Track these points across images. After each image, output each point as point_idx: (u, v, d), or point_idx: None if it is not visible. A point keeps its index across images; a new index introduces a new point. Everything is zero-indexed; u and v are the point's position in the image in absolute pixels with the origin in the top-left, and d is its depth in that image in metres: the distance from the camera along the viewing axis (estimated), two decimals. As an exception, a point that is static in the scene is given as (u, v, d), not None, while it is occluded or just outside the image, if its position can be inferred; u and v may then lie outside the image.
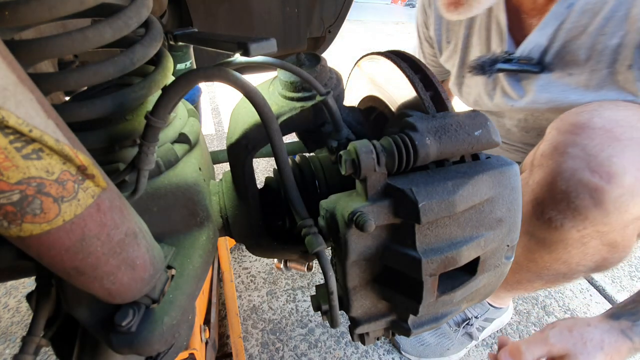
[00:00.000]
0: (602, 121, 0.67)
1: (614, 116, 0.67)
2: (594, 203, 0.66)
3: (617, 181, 0.64)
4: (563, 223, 0.71)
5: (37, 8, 0.32)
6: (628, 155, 0.64)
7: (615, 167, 0.64)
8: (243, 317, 1.17)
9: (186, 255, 0.50)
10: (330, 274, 0.44)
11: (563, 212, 0.70)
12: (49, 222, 0.27)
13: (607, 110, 0.69)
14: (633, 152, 0.64)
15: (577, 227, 0.71)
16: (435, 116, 0.45)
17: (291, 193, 0.48)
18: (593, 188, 0.65)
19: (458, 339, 1.08)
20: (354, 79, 0.68)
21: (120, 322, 0.42)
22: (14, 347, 1.08)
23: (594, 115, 0.68)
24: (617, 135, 0.65)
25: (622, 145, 0.64)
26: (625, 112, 0.68)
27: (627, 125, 0.66)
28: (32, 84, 0.24)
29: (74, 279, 0.33)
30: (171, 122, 0.52)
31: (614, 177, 0.64)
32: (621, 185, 0.64)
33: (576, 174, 0.66)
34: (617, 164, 0.64)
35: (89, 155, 0.29)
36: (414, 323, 0.50)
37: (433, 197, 0.40)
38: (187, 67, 1.13)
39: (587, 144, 0.66)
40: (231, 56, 0.50)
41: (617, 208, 0.66)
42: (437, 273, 0.43)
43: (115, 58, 0.39)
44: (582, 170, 0.66)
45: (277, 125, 0.45)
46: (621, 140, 0.65)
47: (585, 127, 0.68)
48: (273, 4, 1.30)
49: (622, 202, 0.65)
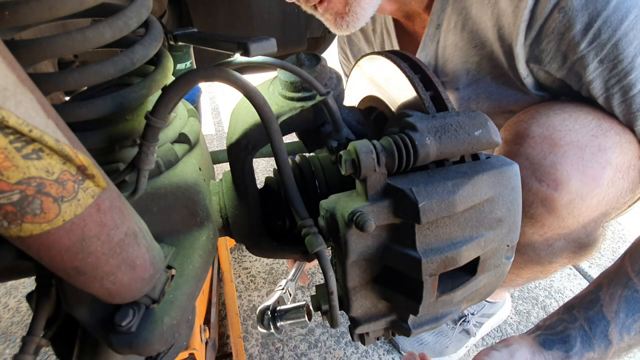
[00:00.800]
0: (540, 129, 0.68)
1: (551, 122, 0.68)
2: (547, 211, 0.67)
3: (564, 188, 0.65)
4: (524, 231, 0.72)
5: (37, 8, 0.32)
6: (570, 159, 0.64)
7: (559, 174, 0.64)
8: (243, 317, 1.17)
9: (186, 255, 0.50)
10: (330, 274, 0.44)
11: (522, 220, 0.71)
12: (49, 222, 0.27)
13: (544, 117, 0.69)
14: (574, 155, 0.65)
15: (538, 233, 0.72)
16: (435, 116, 0.45)
17: (291, 193, 0.48)
18: (543, 197, 0.66)
19: (456, 336, 1.08)
20: (354, 79, 0.68)
21: (120, 322, 0.42)
22: (14, 347, 1.08)
23: (532, 124, 0.69)
24: (556, 140, 0.66)
25: (563, 150, 0.65)
26: (561, 116, 0.68)
27: (564, 129, 0.66)
28: (32, 84, 0.24)
29: (74, 279, 0.33)
30: (171, 122, 0.52)
31: (560, 184, 0.65)
32: (569, 191, 0.65)
33: (525, 184, 0.67)
34: (560, 170, 0.64)
35: (89, 155, 0.29)
36: (414, 323, 0.50)
37: (433, 197, 0.40)
38: (187, 67, 1.13)
39: (529, 153, 0.67)
40: (231, 56, 0.50)
41: (570, 213, 0.67)
42: (437, 273, 0.43)
43: (115, 58, 0.39)
44: (529, 179, 0.66)
45: (277, 125, 0.45)
46: (561, 146, 0.65)
47: (525, 136, 0.68)
48: (273, 4, 1.31)
49: (573, 206, 0.66)
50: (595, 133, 0.66)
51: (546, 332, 0.67)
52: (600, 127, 0.67)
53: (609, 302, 0.63)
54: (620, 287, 0.64)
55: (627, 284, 0.64)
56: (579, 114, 0.68)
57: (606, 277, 0.68)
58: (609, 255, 1.42)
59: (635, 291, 0.62)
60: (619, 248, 1.45)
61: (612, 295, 0.64)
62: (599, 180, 0.65)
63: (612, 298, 0.63)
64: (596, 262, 1.40)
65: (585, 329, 0.63)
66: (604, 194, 0.67)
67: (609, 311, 0.62)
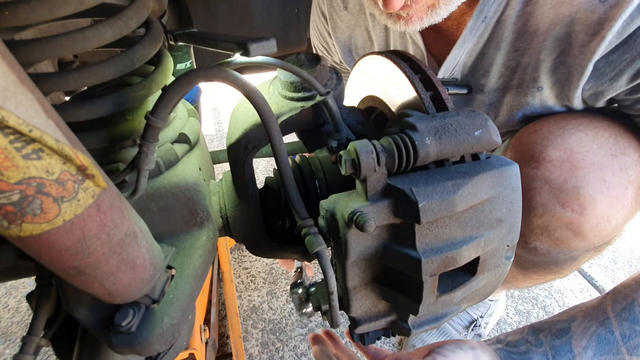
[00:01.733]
0: (556, 151, 0.66)
1: (567, 143, 0.66)
2: (574, 234, 0.66)
3: (589, 212, 0.64)
4: (549, 250, 0.71)
5: (37, 8, 0.33)
6: (592, 182, 0.63)
7: (584, 199, 0.63)
8: (243, 317, 1.17)
9: (186, 255, 0.50)
10: (330, 274, 0.44)
11: (546, 242, 0.70)
12: (49, 222, 0.27)
13: (559, 138, 0.67)
14: (596, 177, 0.64)
15: (564, 252, 0.71)
16: (435, 116, 0.45)
17: (291, 193, 0.48)
18: (569, 222, 0.65)
19: None
20: (354, 78, 0.68)
21: (120, 322, 0.42)
22: (14, 347, 1.08)
23: (547, 146, 0.67)
24: (575, 163, 0.64)
25: (584, 173, 0.64)
26: (577, 136, 0.66)
27: (583, 150, 0.65)
28: (32, 84, 0.24)
29: (74, 279, 0.33)
30: (171, 122, 0.52)
31: (586, 209, 0.64)
32: (595, 215, 0.64)
33: (548, 209, 0.66)
34: (584, 195, 0.63)
35: (89, 155, 0.29)
36: (414, 323, 0.50)
37: (433, 197, 0.40)
38: (187, 67, 1.13)
39: (548, 177, 0.65)
40: (231, 56, 0.50)
41: (597, 235, 0.66)
42: (437, 273, 0.43)
43: (115, 58, 0.39)
44: (552, 204, 0.65)
45: (277, 125, 0.45)
46: (581, 168, 0.64)
47: (541, 160, 0.66)
48: (273, 4, 1.31)
49: (600, 229, 0.65)
50: (614, 152, 0.65)
51: (508, 348, 0.64)
52: (618, 144, 0.66)
53: (580, 336, 0.61)
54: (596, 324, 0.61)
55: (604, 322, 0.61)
56: (595, 132, 0.66)
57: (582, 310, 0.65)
58: (609, 255, 1.43)
59: (610, 332, 0.59)
60: (619, 247, 1.45)
61: (585, 330, 0.61)
62: (623, 200, 0.64)
63: (584, 333, 0.61)
64: (596, 262, 1.40)
65: (548, 356, 0.61)
66: (628, 213, 0.66)
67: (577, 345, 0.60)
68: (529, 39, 0.66)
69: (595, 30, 0.58)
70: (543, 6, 0.62)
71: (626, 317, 0.59)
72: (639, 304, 0.60)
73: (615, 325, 0.60)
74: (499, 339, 0.66)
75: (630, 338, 0.58)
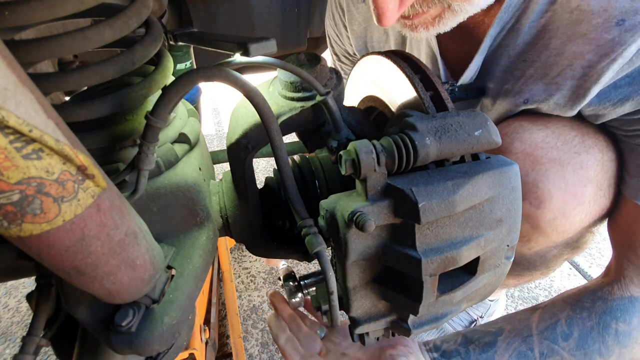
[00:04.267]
0: (522, 145, 0.67)
1: (533, 138, 0.67)
2: (532, 227, 0.67)
3: (546, 206, 0.65)
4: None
5: (37, 8, 0.33)
6: (551, 177, 0.64)
7: (541, 192, 0.64)
8: (243, 317, 1.17)
9: (186, 255, 0.50)
10: (330, 274, 0.44)
11: None
12: (49, 222, 0.27)
13: (526, 132, 0.67)
14: (556, 173, 0.64)
15: (527, 247, 0.72)
16: (435, 116, 0.45)
17: (291, 193, 0.48)
18: (526, 215, 0.66)
19: None
20: (354, 78, 0.68)
21: (120, 322, 0.42)
22: (14, 347, 1.08)
23: (515, 139, 0.68)
24: (537, 158, 0.65)
25: (544, 168, 0.65)
26: (544, 132, 0.67)
27: (546, 146, 0.66)
28: (32, 84, 0.24)
29: (74, 279, 0.33)
30: (171, 122, 0.52)
31: (543, 203, 0.65)
32: (551, 210, 0.65)
33: None
34: (542, 188, 0.64)
35: (89, 155, 0.29)
36: (414, 323, 0.50)
37: (433, 197, 0.40)
38: (187, 67, 1.13)
39: None
40: (231, 56, 0.50)
41: (553, 229, 0.67)
42: (437, 273, 0.43)
43: (115, 58, 0.39)
44: None
45: (277, 125, 0.45)
46: (543, 163, 0.65)
47: (507, 152, 0.67)
48: (273, 4, 1.30)
49: (556, 224, 0.66)
50: (577, 150, 0.65)
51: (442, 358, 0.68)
52: (583, 143, 0.66)
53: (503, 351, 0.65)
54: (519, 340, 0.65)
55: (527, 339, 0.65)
56: (562, 129, 0.67)
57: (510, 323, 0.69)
58: (609, 255, 1.42)
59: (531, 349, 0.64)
60: (619, 248, 1.45)
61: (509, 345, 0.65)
62: (581, 197, 0.65)
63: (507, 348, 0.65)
64: (596, 262, 1.40)
65: None
66: (586, 211, 0.67)
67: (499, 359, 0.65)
68: (539, 52, 0.65)
69: (606, 52, 0.57)
70: (559, 21, 0.61)
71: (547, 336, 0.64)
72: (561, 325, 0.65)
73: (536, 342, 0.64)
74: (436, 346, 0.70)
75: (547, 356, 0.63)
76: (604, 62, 0.57)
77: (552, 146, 0.66)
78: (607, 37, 0.56)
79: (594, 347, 0.64)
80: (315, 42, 1.59)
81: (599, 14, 0.57)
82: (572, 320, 0.66)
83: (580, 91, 0.61)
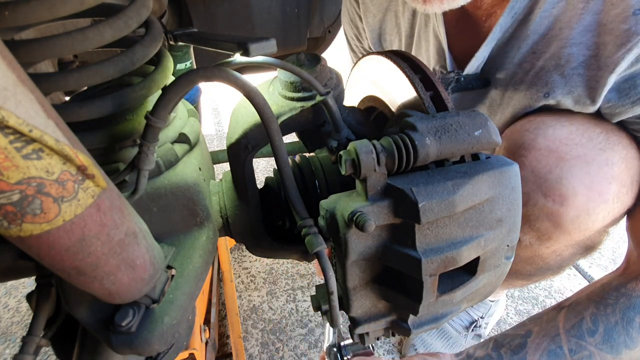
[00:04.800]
0: (546, 141, 0.66)
1: (557, 134, 0.66)
2: (553, 225, 0.67)
3: (570, 203, 0.64)
4: (531, 242, 0.72)
5: (37, 8, 0.32)
6: (576, 174, 0.64)
7: (565, 189, 0.64)
8: (243, 317, 1.17)
9: (186, 255, 0.50)
10: (330, 274, 0.44)
11: (528, 233, 0.70)
12: (49, 222, 0.27)
13: (550, 128, 0.67)
14: (580, 170, 0.64)
15: (545, 245, 0.72)
16: (435, 116, 0.45)
17: (291, 193, 0.48)
18: (549, 212, 0.65)
19: (468, 342, 1.08)
20: (354, 78, 0.68)
21: (120, 322, 0.42)
22: (14, 347, 1.08)
23: (538, 135, 0.67)
24: (562, 155, 0.65)
25: (569, 164, 0.64)
26: (568, 128, 0.66)
27: (571, 143, 0.65)
28: (32, 84, 0.24)
29: (74, 279, 0.33)
30: (171, 122, 0.52)
31: (567, 200, 0.64)
32: (575, 207, 0.64)
33: (531, 198, 0.66)
34: (566, 185, 0.64)
35: (89, 155, 0.29)
36: (414, 323, 0.50)
37: (433, 197, 0.40)
38: (187, 67, 1.13)
39: (535, 166, 0.66)
40: (231, 56, 0.50)
41: (576, 227, 0.66)
42: (437, 273, 0.43)
43: (115, 58, 0.39)
44: (535, 193, 0.65)
45: (277, 125, 0.45)
46: (567, 160, 0.64)
47: (531, 148, 0.67)
48: (273, 4, 1.30)
49: (579, 222, 0.65)
50: (602, 147, 0.65)
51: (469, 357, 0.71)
52: (608, 140, 0.66)
53: (534, 351, 0.68)
54: (547, 340, 0.68)
55: (555, 338, 0.67)
56: (587, 126, 0.67)
57: (537, 325, 0.71)
58: (609, 255, 1.43)
59: (560, 347, 0.66)
60: (619, 248, 1.45)
61: (538, 346, 0.68)
62: (605, 195, 0.64)
63: (537, 348, 0.67)
64: (596, 262, 1.40)
65: None
66: (609, 209, 0.66)
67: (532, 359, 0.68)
68: (548, 43, 0.65)
69: (622, 42, 0.57)
70: (571, 11, 0.61)
71: (574, 333, 0.67)
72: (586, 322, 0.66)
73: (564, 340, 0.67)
74: (469, 354, 0.72)
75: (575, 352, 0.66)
76: (620, 51, 0.58)
77: (576, 143, 0.65)
78: (624, 27, 0.57)
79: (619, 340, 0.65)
80: (315, 42, 1.59)
81: (617, 4, 0.57)
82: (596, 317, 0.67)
83: (597, 81, 0.62)
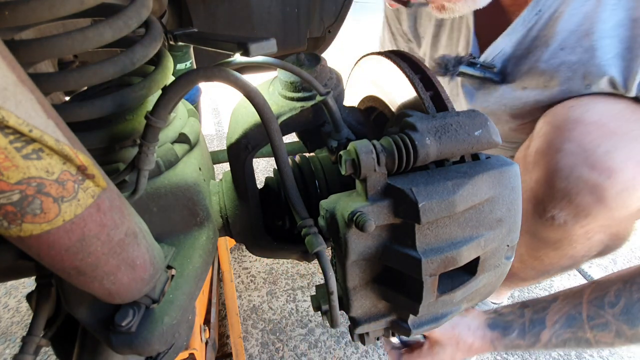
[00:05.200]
0: (595, 115, 0.66)
1: (608, 110, 0.66)
2: (596, 199, 0.65)
3: (617, 177, 0.63)
4: (566, 220, 0.70)
5: (37, 8, 0.32)
6: (625, 149, 0.63)
7: (613, 162, 0.63)
8: (243, 317, 1.17)
9: (186, 255, 0.50)
10: (330, 274, 0.44)
11: (565, 209, 0.69)
12: (49, 222, 0.27)
13: (600, 104, 0.67)
14: (630, 145, 0.63)
15: (581, 224, 0.70)
16: (435, 116, 0.45)
17: (291, 193, 0.48)
18: (593, 185, 0.64)
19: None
20: (354, 78, 0.68)
21: (120, 322, 0.42)
22: (14, 347, 1.08)
23: (587, 109, 0.67)
24: (612, 129, 0.64)
25: (619, 139, 0.63)
26: (618, 106, 0.66)
27: (622, 118, 0.65)
28: (32, 84, 0.24)
29: (74, 279, 0.33)
30: (171, 122, 0.52)
31: (614, 173, 0.63)
32: (621, 181, 0.63)
33: (575, 171, 0.65)
34: (615, 159, 0.63)
35: (89, 155, 0.29)
36: (414, 323, 0.50)
37: (433, 197, 0.40)
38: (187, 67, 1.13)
39: (582, 139, 0.65)
40: (231, 56, 0.50)
41: (619, 204, 0.65)
42: (437, 273, 0.43)
43: (115, 58, 0.39)
44: (580, 166, 0.65)
45: (277, 125, 0.45)
46: (617, 134, 0.64)
47: (579, 122, 0.66)
48: (273, 4, 1.30)
49: (623, 197, 0.64)
50: None
51: (497, 317, 0.78)
52: None
53: (554, 314, 0.73)
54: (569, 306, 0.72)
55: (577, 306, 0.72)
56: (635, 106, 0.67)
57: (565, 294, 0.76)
58: (608, 255, 1.42)
59: (579, 313, 0.71)
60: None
61: (559, 310, 0.73)
62: None
63: (558, 311, 0.73)
64: (596, 261, 1.40)
65: (525, 325, 0.75)
66: None
67: (550, 320, 0.73)
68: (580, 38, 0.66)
69: None
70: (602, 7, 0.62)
71: (596, 303, 0.70)
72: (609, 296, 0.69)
73: (584, 308, 0.70)
74: (496, 310, 0.81)
75: (593, 319, 0.69)
76: None
77: (627, 119, 0.65)
78: None
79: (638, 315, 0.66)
80: (315, 42, 1.58)
81: None
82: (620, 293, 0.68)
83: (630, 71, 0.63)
